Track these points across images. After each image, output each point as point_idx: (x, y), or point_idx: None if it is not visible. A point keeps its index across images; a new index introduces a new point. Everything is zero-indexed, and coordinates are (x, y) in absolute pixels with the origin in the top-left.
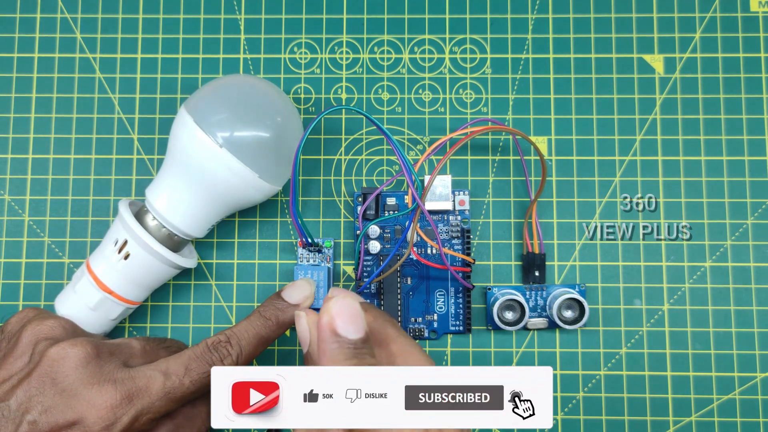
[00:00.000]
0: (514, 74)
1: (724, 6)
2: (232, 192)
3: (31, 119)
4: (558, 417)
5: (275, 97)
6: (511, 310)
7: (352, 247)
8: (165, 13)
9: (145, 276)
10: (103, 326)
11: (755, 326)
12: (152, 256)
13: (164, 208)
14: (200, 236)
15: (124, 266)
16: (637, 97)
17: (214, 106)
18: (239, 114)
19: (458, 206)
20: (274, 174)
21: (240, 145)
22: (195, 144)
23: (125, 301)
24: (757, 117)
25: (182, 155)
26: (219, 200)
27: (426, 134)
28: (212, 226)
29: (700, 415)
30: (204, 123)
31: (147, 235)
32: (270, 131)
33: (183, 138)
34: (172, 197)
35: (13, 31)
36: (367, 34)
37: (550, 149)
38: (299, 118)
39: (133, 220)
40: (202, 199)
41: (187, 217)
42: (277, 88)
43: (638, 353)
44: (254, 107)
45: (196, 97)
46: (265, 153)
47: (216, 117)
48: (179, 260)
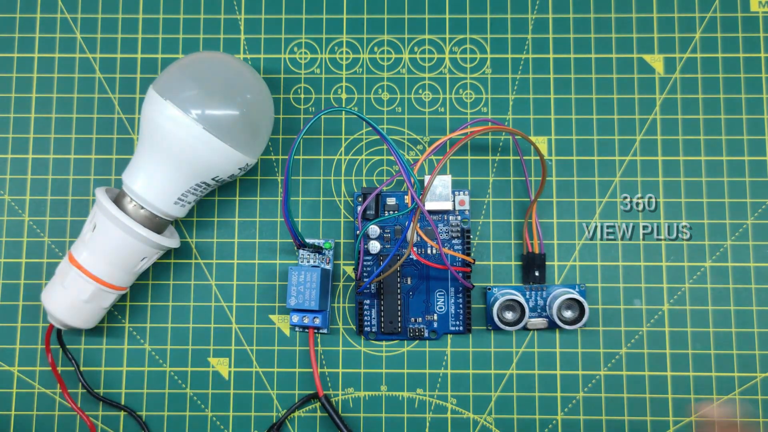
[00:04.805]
0: (514, 74)
1: (724, 6)
2: (200, 162)
3: (31, 119)
4: (558, 417)
5: (242, 69)
6: (511, 310)
7: (352, 247)
8: (165, 13)
9: (127, 258)
10: (95, 316)
11: (755, 326)
12: (127, 234)
13: (140, 188)
14: (179, 215)
15: (102, 248)
16: (637, 97)
17: (179, 79)
18: (205, 85)
19: (458, 206)
20: (244, 143)
21: (210, 117)
22: (161, 117)
23: (115, 288)
24: (757, 117)
25: (152, 132)
26: (192, 173)
27: (426, 134)
28: (189, 203)
29: (700, 415)
30: (170, 96)
31: (122, 213)
32: (238, 101)
33: (151, 114)
34: (146, 176)
35: (13, 31)
36: (367, 34)
37: (550, 149)
38: (268, 91)
39: (110, 202)
40: (171, 172)
41: (160, 193)
42: (246, 64)
43: (638, 353)
44: (221, 79)
45: (162, 75)
46: (236, 125)
47: (182, 91)
48: (157, 238)
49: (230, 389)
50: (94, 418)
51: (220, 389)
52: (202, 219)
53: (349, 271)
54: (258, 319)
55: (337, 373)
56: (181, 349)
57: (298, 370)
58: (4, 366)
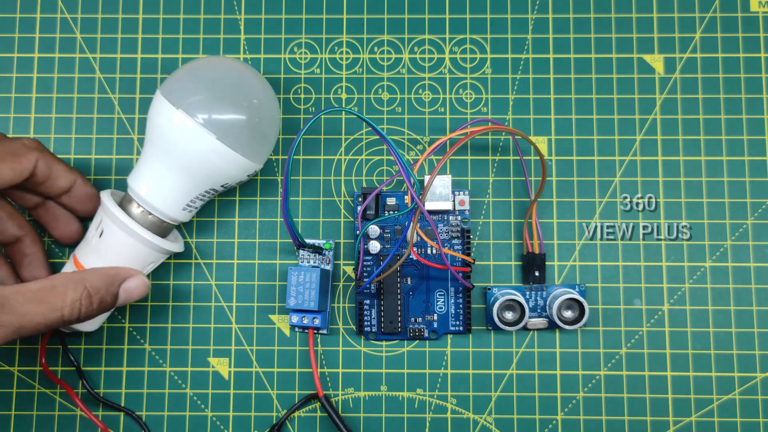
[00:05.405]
0: (514, 74)
1: (724, 6)
2: (212, 170)
3: (31, 119)
4: (558, 417)
5: (250, 75)
6: (511, 310)
7: (352, 247)
8: (165, 13)
9: (135, 263)
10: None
11: (755, 326)
12: (137, 241)
13: (148, 194)
14: (186, 221)
15: (110, 254)
16: (637, 97)
17: (190, 86)
18: (215, 93)
19: (458, 206)
20: (253, 151)
21: (223, 127)
22: (171, 124)
23: None
24: (757, 117)
25: (161, 138)
26: (203, 181)
27: (426, 134)
28: (196, 209)
29: (700, 415)
30: (181, 104)
31: (131, 221)
32: (247, 108)
33: (160, 120)
34: (155, 183)
35: (13, 31)
36: (367, 34)
37: (550, 149)
38: (275, 96)
39: (117, 208)
40: (181, 179)
41: (169, 199)
42: (254, 69)
43: (638, 353)
44: (230, 86)
45: (171, 80)
46: (242, 131)
47: (192, 98)
48: (166, 244)
49: (230, 389)
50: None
51: (220, 389)
52: (202, 219)
53: (349, 271)
54: (258, 319)
55: (337, 373)
56: (181, 349)
57: (298, 370)
58: (4, 366)
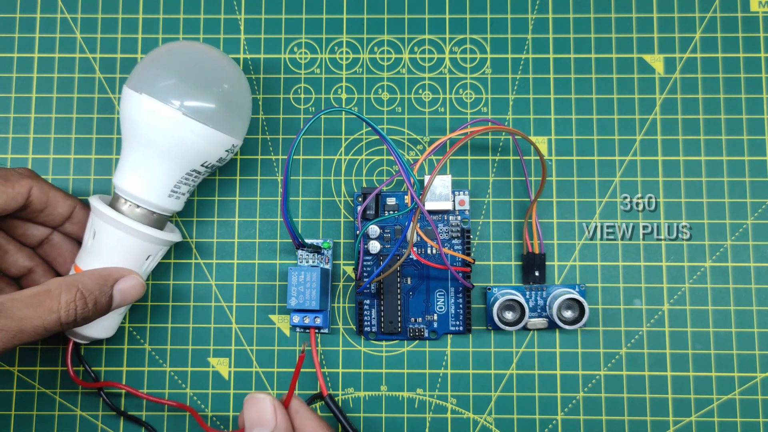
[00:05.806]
0: (514, 74)
1: (724, 6)
2: (185, 149)
3: (31, 119)
4: (558, 417)
5: (209, 50)
6: (511, 310)
7: (351, 247)
8: (165, 13)
9: (132, 258)
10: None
11: (755, 326)
12: (126, 233)
13: (131, 186)
14: (176, 209)
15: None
16: (637, 97)
17: (151, 72)
18: (177, 72)
19: (458, 206)
20: (224, 122)
21: (187, 102)
22: (139, 111)
23: None
24: (757, 117)
25: (132, 128)
26: (181, 162)
27: (426, 134)
28: (183, 194)
29: (700, 415)
30: (143, 89)
31: (118, 215)
32: (210, 80)
33: (129, 111)
34: (136, 174)
35: (13, 31)
36: (367, 34)
37: (550, 149)
38: (240, 70)
39: (105, 206)
40: (160, 165)
41: (151, 187)
42: (212, 46)
43: (638, 353)
44: (191, 63)
45: (132, 72)
46: (209, 102)
47: (154, 81)
48: (157, 233)
49: (230, 389)
50: (94, 417)
51: (220, 389)
52: (202, 219)
53: (349, 271)
54: (258, 319)
55: (337, 373)
56: (181, 349)
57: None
58: (4, 366)
